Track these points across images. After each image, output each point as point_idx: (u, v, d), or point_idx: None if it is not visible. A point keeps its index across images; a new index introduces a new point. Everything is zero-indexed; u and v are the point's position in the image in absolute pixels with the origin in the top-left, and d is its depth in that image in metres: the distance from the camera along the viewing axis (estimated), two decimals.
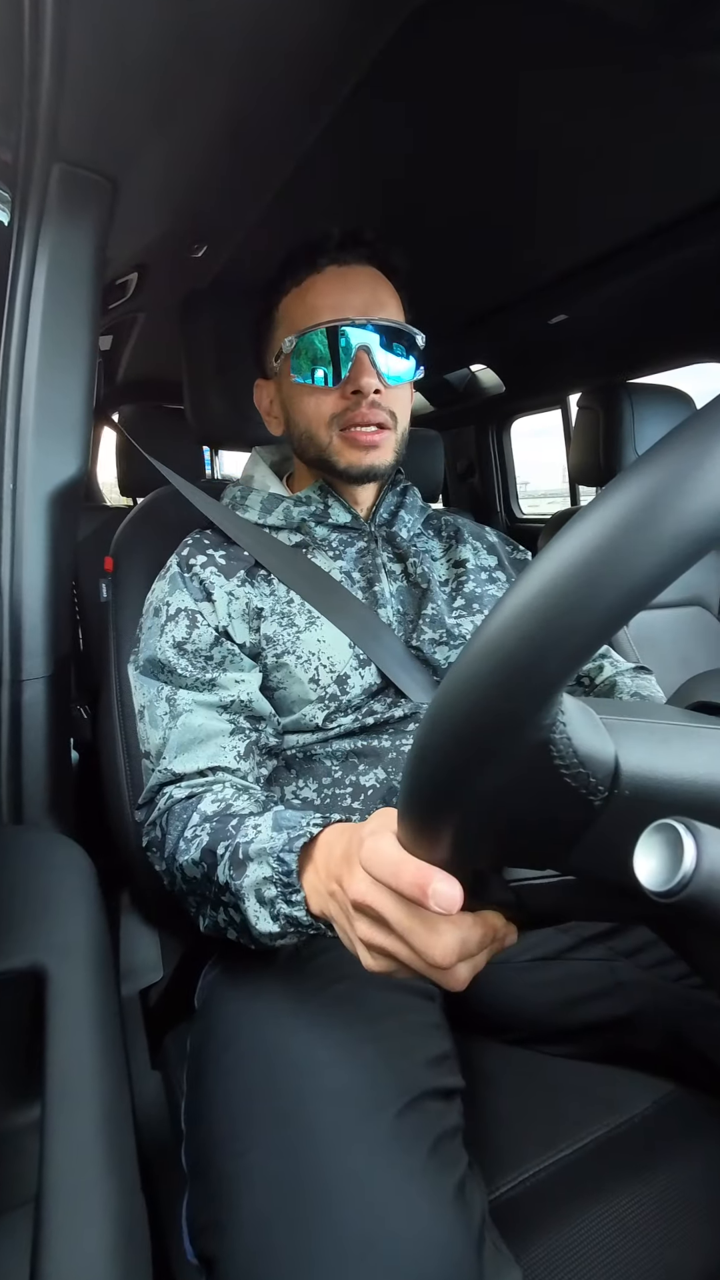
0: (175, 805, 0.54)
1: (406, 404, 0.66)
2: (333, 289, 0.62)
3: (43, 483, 0.66)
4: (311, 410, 0.63)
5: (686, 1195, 0.44)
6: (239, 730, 0.58)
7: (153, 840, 0.56)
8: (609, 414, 1.21)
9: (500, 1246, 0.38)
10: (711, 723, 0.25)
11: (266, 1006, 0.47)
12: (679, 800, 0.20)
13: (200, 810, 0.52)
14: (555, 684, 0.20)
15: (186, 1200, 0.43)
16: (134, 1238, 0.29)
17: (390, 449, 0.64)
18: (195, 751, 0.56)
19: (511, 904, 0.30)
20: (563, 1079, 0.53)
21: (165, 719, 0.57)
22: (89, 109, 0.56)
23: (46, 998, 0.37)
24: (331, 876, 0.38)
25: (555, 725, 0.21)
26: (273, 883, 0.43)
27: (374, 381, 0.60)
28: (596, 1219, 0.42)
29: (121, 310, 1.18)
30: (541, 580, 0.19)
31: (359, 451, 0.62)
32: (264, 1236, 0.36)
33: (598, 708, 0.24)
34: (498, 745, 0.21)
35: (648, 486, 0.18)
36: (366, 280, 0.63)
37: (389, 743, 0.60)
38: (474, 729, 0.21)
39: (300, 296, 0.63)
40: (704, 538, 0.18)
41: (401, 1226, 0.35)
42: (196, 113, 0.63)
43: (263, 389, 0.70)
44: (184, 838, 0.50)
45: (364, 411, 0.61)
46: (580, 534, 0.19)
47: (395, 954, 0.33)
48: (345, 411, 0.62)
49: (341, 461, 0.63)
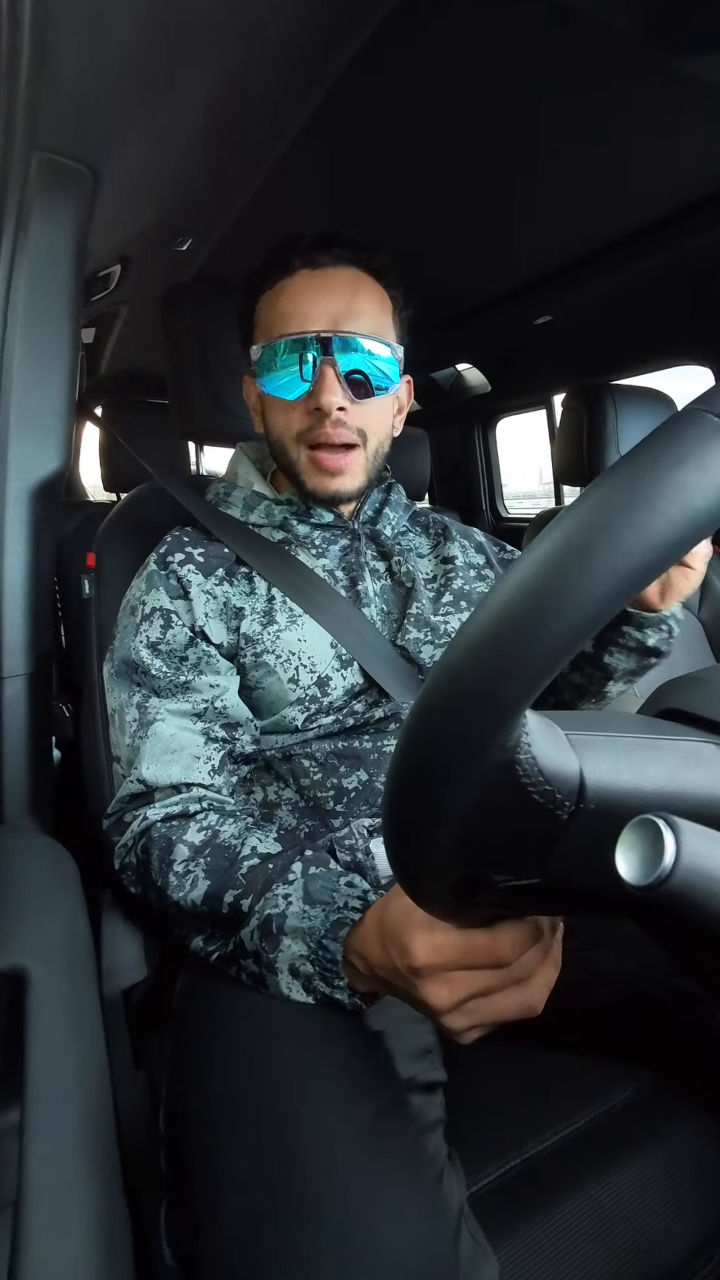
0: (152, 830, 0.53)
1: (382, 419, 0.62)
2: (302, 295, 0.58)
3: (23, 477, 0.65)
4: (280, 422, 0.61)
5: (664, 1183, 0.45)
6: (213, 740, 0.57)
7: (128, 865, 0.55)
8: (592, 415, 1.22)
9: (478, 1238, 0.39)
10: (675, 732, 0.26)
11: (245, 1005, 0.47)
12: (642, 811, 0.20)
13: (187, 841, 0.51)
14: (512, 710, 0.21)
15: (166, 1202, 0.43)
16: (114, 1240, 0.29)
17: (359, 471, 0.61)
18: (167, 763, 0.55)
19: (499, 904, 0.31)
20: (543, 1070, 0.54)
21: (134, 726, 0.56)
22: (69, 97, 0.55)
23: (27, 999, 0.37)
24: (372, 964, 0.41)
25: (519, 745, 0.22)
26: (310, 961, 0.44)
27: (336, 399, 0.56)
28: (574, 1209, 0.43)
29: (104, 302, 1.16)
30: (496, 608, 0.20)
31: (325, 477, 0.60)
32: (241, 1236, 0.36)
33: (563, 722, 0.24)
34: (466, 767, 0.22)
35: (586, 524, 0.19)
36: (343, 285, 0.59)
37: (370, 744, 0.60)
38: (442, 751, 0.22)
39: (272, 300, 0.60)
40: (639, 574, 0.19)
41: (378, 1221, 0.35)
42: (178, 103, 0.62)
43: (249, 385, 0.69)
44: (174, 872, 0.50)
45: (327, 430, 0.58)
46: (529, 564, 0.20)
47: (485, 987, 0.36)
48: (310, 429, 0.59)
49: (308, 483, 0.61)
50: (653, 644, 0.62)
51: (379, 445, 0.63)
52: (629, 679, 0.67)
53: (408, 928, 0.37)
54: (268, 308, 0.61)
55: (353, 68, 0.63)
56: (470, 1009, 0.37)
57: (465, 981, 0.36)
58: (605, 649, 0.64)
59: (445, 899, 0.31)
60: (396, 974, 0.38)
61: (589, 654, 0.65)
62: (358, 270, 0.60)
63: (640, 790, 0.23)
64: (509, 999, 0.37)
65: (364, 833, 0.57)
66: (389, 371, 0.60)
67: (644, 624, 0.61)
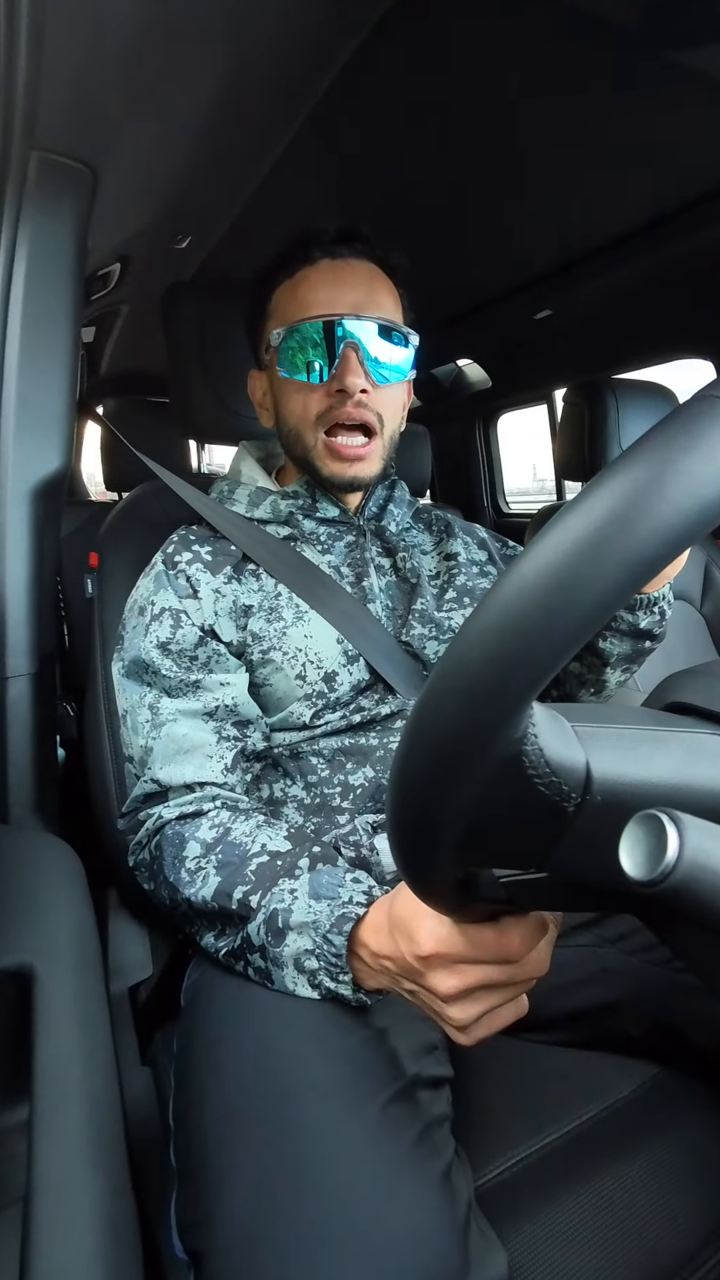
0: (166, 828, 0.53)
1: (397, 406, 0.64)
2: (325, 283, 0.60)
3: (24, 477, 0.65)
4: (298, 407, 0.62)
5: (669, 1178, 0.45)
6: (225, 739, 0.57)
7: (141, 862, 0.56)
8: (593, 410, 1.22)
9: (486, 1231, 0.39)
10: (681, 725, 0.26)
11: (251, 1001, 0.47)
12: (648, 804, 0.20)
13: (199, 838, 0.51)
14: (519, 702, 0.21)
15: (175, 1196, 0.43)
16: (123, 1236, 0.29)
17: (377, 459, 0.63)
18: (180, 763, 0.55)
19: (503, 899, 0.31)
20: (549, 1066, 0.54)
21: (147, 727, 0.57)
22: (67, 96, 0.55)
23: (34, 998, 0.37)
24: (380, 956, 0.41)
25: (526, 737, 0.22)
26: (315, 956, 0.44)
27: (360, 381, 0.59)
28: (581, 1201, 0.43)
29: (105, 301, 1.16)
30: (503, 600, 0.20)
31: (343, 463, 0.61)
32: (250, 1229, 0.36)
33: (569, 714, 0.24)
34: (471, 760, 0.22)
35: (594, 514, 0.19)
36: (362, 276, 0.61)
37: (376, 740, 0.60)
38: (447, 746, 0.22)
39: (292, 289, 0.62)
40: (648, 563, 0.19)
41: (387, 1215, 0.35)
42: (178, 103, 0.62)
43: (256, 380, 0.70)
44: (186, 869, 0.50)
45: (349, 410, 0.59)
46: (537, 555, 0.20)
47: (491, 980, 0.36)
48: (330, 410, 0.60)
49: (325, 470, 0.62)
50: (645, 626, 0.63)
51: (393, 433, 0.64)
52: (626, 666, 0.68)
53: (416, 918, 0.37)
54: (287, 296, 0.62)
55: (352, 65, 0.63)
56: (477, 997, 0.37)
57: (471, 973, 0.36)
58: (600, 634, 0.64)
59: (449, 894, 0.31)
60: (404, 965, 0.39)
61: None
62: (374, 265, 0.63)
63: (646, 783, 0.23)
64: (514, 991, 0.37)
65: (368, 829, 0.57)
66: (405, 358, 0.62)
67: (635, 606, 0.62)
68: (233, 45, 0.56)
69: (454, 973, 0.36)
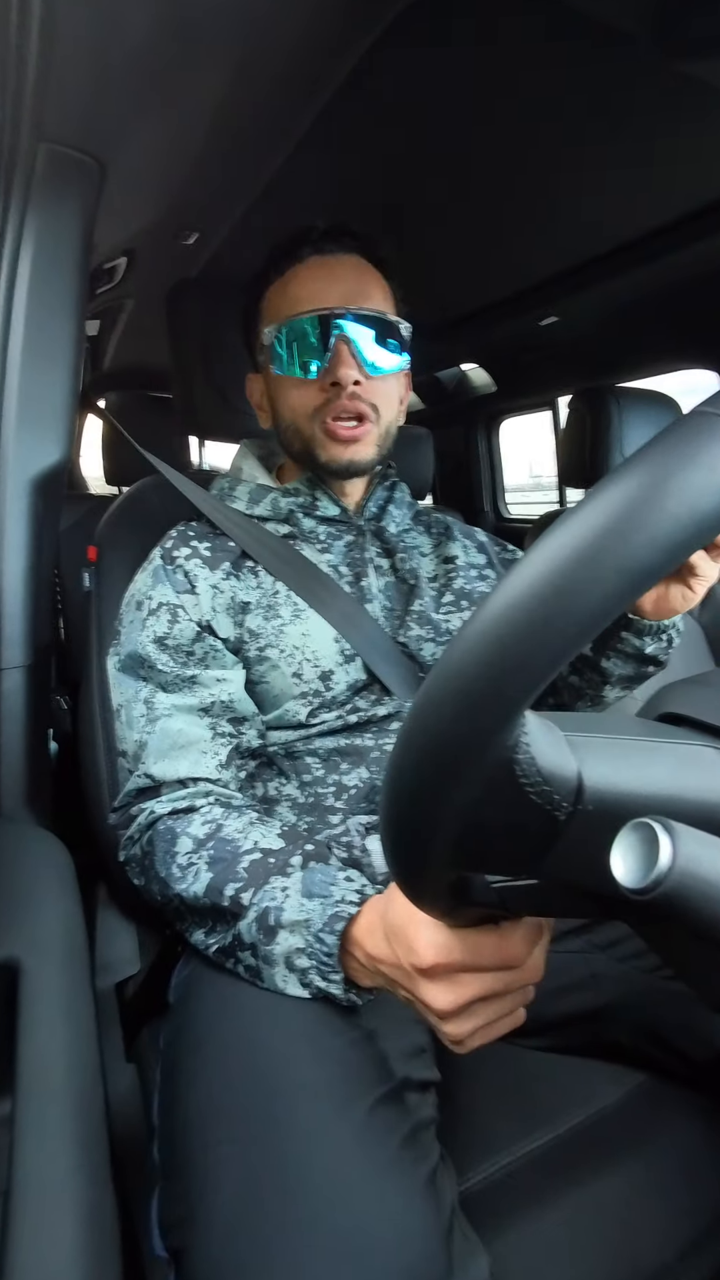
0: (158, 823, 0.53)
1: (392, 397, 0.64)
2: (314, 279, 0.61)
3: (24, 469, 0.65)
4: (295, 403, 0.62)
5: (655, 1182, 0.45)
6: (220, 735, 0.57)
7: (132, 857, 0.55)
8: (596, 417, 1.22)
9: (469, 1234, 0.39)
10: (674, 736, 0.26)
11: (240, 1000, 0.47)
12: (640, 814, 0.20)
13: (191, 834, 0.51)
14: (513, 709, 0.21)
15: (157, 1194, 0.43)
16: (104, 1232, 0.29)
17: (372, 443, 0.63)
18: (174, 758, 0.55)
19: (495, 904, 0.31)
20: (537, 1071, 0.54)
21: (142, 721, 0.56)
22: (76, 89, 0.55)
23: (19, 991, 0.37)
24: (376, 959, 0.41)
25: (519, 745, 0.22)
26: (307, 955, 0.43)
27: (352, 373, 0.59)
28: (565, 1207, 0.43)
29: (109, 295, 1.16)
30: (500, 605, 0.20)
31: (339, 445, 0.62)
32: (233, 1229, 0.36)
33: (562, 723, 0.24)
34: (465, 765, 0.22)
35: (592, 522, 0.19)
36: (351, 270, 0.62)
37: (371, 741, 0.60)
38: (441, 750, 0.22)
39: (282, 287, 0.63)
40: (645, 574, 0.19)
41: (370, 1218, 0.35)
42: (187, 99, 0.62)
43: (253, 382, 0.70)
44: (177, 864, 0.50)
45: (343, 403, 0.60)
46: (534, 562, 0.20)
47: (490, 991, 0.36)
48: (326, 404, 0.60)
49: (323, 455, 0.62)
50: (650, 652, 0.62)
51: (389, 423, 0.65)
52: (626, 685, 0.67)
53: (413, 925, 0.37)
54: (277, 295, 0.63)
55: (362, 67, 0.63)
56: (474, 1011, 0.37)
57: (471, 984, 0.36)
58: (603, 653, 0.64)
59: (441, 897, 0.31)
60: (400, 971, 0.38)
61: (587, 657, 0.65)
62: (363, 259, 0.63)
63: (638, 793, 0.23)
64: (513, 1001, 0.37)
65: (360, 830, 0.57)
66: (398, 349, 0.63)
67: (643, 631, 0.61)
68: (243, 44, 0.56)
69: (451, 987, 0.36)
